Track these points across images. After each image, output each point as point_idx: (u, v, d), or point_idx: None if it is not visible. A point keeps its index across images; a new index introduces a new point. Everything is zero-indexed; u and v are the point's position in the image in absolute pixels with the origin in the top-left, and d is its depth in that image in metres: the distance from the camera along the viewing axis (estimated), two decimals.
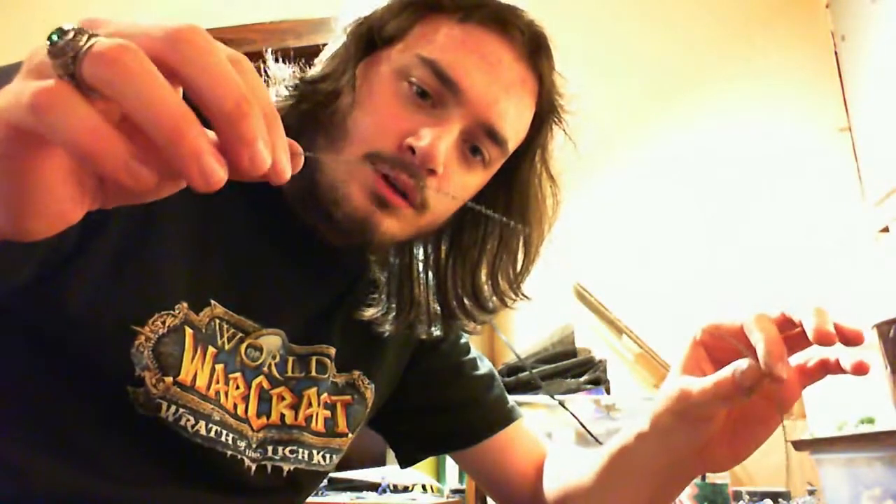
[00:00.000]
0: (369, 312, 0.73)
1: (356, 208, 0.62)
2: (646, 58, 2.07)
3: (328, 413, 0.73)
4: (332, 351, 0.73)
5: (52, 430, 0.59)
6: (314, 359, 0.72)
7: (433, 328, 0.74)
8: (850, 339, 0.50)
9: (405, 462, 0.87)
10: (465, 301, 0.72)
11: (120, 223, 0.58)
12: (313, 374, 0.72)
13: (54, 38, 0.29)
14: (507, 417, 0.85)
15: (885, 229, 1.73)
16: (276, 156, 0.30)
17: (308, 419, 0.71)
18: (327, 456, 0.73)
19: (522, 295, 0.74)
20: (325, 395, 0.73)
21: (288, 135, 0.32)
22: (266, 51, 0.68)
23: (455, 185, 0.66)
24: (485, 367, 0.87)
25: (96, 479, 0.59)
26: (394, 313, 0.73)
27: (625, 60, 2.06)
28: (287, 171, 0.31)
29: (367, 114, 0.63)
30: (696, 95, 2.03)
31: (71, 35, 0.28)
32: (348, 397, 0.75)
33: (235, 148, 0.29)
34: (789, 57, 1.99)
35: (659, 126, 2.04)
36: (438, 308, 0.73)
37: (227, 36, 2.20)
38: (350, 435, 0.75)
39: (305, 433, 0.71)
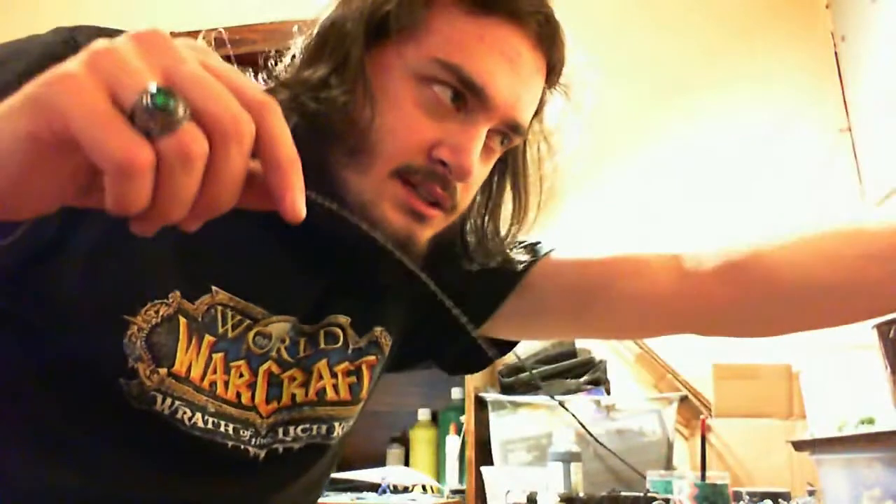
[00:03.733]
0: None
1: (398, 228, 0.61)
2: (645, 58, 2.07)
3: (353, 379, 0.72)
4: (345, 320, 0.71)
5: (43, 427, 0.58)
6: (322, 331, 0.71)
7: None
8: None
9: (465, 368, 0.87)
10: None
11: (104, 212, 0.58)
12: (322, 346, 0.70)
13: (155, 102, 0.29)
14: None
15: None
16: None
17: (319, 392, 0.70)
18: (338, 426, 0.72)
19: (509, 255, 0.74)
20: (345, 364, 0.71)
21: (303, 150, 0.36)
22: (264, 54, 0.68)
23: (479, 178, 0.67)
24: None
25: (91, 476, 0.58)
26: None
27: (625, 61, 2.06)
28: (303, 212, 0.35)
29: (391, 126, 0.61)
30: (696, 96, 2.03)
31: (172, 111, 0.30)
32: (373, 357, 0.73)
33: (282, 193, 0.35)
34: (789, 57, 1.99)
35: (659, 126, 2.04)
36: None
37: (227, 36, 2.19)
38: (363, 401, 0.74)
39: (318, 407, 0.70)
